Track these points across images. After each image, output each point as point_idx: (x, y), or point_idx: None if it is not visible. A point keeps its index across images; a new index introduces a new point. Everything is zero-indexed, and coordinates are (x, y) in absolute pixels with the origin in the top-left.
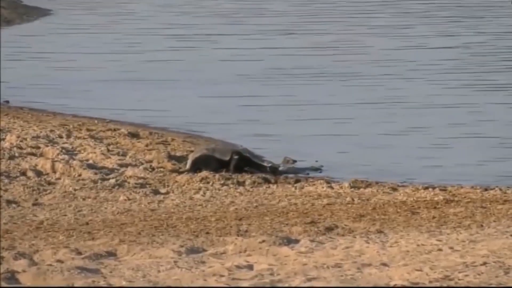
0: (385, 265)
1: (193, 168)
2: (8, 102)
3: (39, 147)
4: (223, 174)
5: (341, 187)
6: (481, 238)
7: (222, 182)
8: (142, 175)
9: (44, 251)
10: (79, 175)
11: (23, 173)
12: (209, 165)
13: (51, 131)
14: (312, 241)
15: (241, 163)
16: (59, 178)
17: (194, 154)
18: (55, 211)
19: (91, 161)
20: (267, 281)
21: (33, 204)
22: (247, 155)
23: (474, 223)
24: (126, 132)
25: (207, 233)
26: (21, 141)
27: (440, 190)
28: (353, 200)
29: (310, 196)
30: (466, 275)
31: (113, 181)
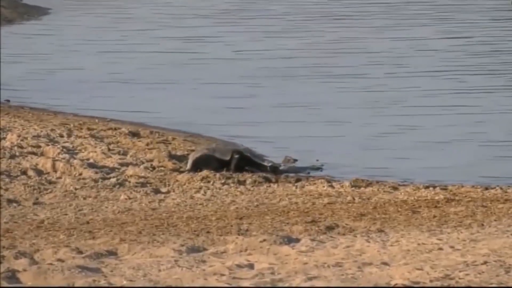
0: (385, 264)
1: (194, 168)
2: (8, 101)
3: (39, 146)
4: (223, 173)
5: (342, 186)
6: (481, 237)
7: (223, 181)
8: (143, 174)
9: (44, 250)
10: (80, 174)
11: (24, 172)
12: (209, 165)
13: (52, 130)
14: (313, 240)
15: (241, 163)
16: (60, 177)
17: (195, 154)
18: (55, 210)
19: (91, 160)
20: (267, 280)
21: (34, 203)
22: (247, 154)
23: (475, 222)
24: (127, 131)
25: (208, 232)
26: (22, 140)
27: (441, 189)
28: (354, 199)
29: (311, 195)
30: (467, 274)
31: (113, 180)
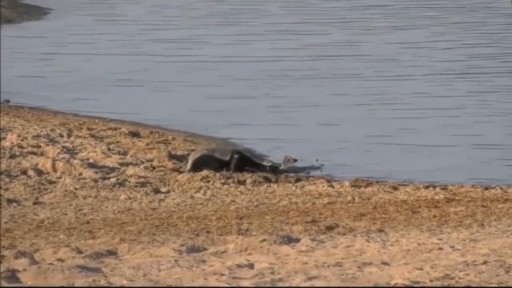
0: (385, 264)
1: (194, 169)
2: (8, 101)
3: (39, 146)
4: (223, 173)
5: (342, 186)
6: (482, 237)
7: (223, 181)
8: (143, 174)
9: (44, 250)
10: (80, 174)
11: (24, 172)
12: (209, 165)
13: (52, 130)
14: (313, 240)
15: (241, 163)
16: (60, 177)
17: (194, 155)
18: (55, 210)
19: (91, 160)
20: (267, 280)
21: (34, 203)
22: (247, 154)
23: (475, 222)
24: (127, 131)
25: (208, 232)
26: (22, 140)
27: (441, 189)
28: (354, 199)
29: (311, 195)
30: (467, 274)
31: (113, 180)
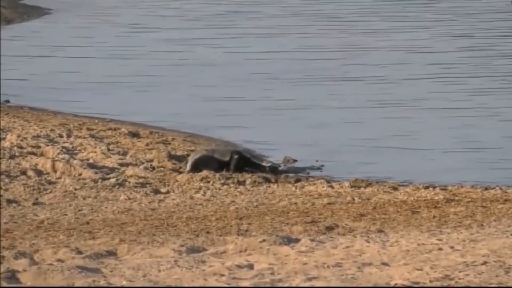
0: (385, 264)
1: (193, 170)
2: (8, 101)
3: (39, 147)
4: (223, 173)
5: (342, 187)
6: (481, 237)
7: (223, 181)
8: (143, 174)
9: (44, 250)
10: (80, 174)
11: (24, 172)
12: (209, 166)
13: (52, 130)
14: (313, 240)
15: (240, 163)
16: (60, 178)
17: (194, 156)
18: (55, 210)
19: (91, 161)
20: (267, 280)
21: (34, 204)
22: (246, 155)
23: (474, 222)
24: (127, 132)
25: (208, 232)
26: (22, 140)
27: (441, 189)
28: (354, 200)
29: (311, 195)
30: (467, 275)
31: (113, 180)
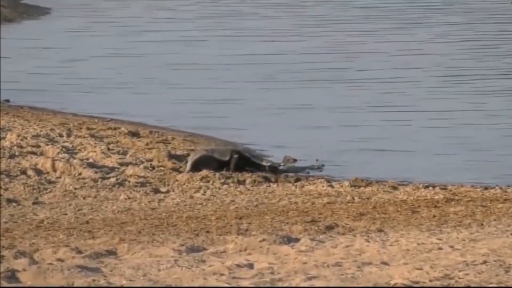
0: (385, 264)
1: (193, 170)
2: (8, 101)
3: (39, 146)
4: (223, 173)
5: (342, 186)
6: (481, 237)
7: (223, 181)
8: (143, 174)
9: (44, 250)
10: (80, 174)
11: (24, 172)
12: (209, 166)
13: (52, 130)
14: (313, 240)
15: (240, 163)
16: (60, 177)
17: (194, 156)
18: (55, 210)
19: (91, 160)
20: (267, 280)
21: (34, 203)
22: (246, 154)
23: (474, 222)
24: (126, 131)
25: (208, 232)
26: (22, 140)
27: (441, 189)
28: (354, 199)
29: (311, 195)
30: (467, 274)
31: (113, 180)
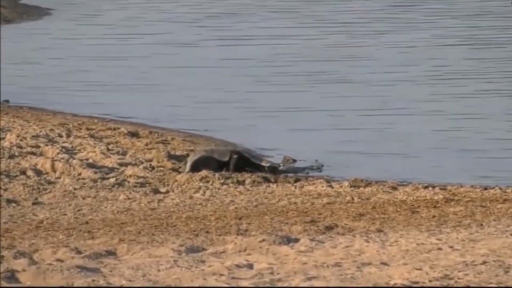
0: (385, 264)
1: (193, 171)
2: (8, 101)
3: (39, 146)
4: (223, 173)
5: (341, 186)
6: (481, 237)
7: (222, 181)
8: (142, 174)
9: (44, 250)
10: (79, 174)
11: (23, 172)
12: (208, 167)
13: (51, 130)
14: (312, 240)
15: (240, 163)
16: (59, 177)
17: (193, 157)
18: (55, 210)
19: (91, 160)
20: (267, 280)
21: (33, 203)
22: (246, 155)
23: (474, 222)
24: (126, 131)
25: (207, 232)
26: (21, 140)
27: (440, 189)
28: (353, 199)
29: (310, 195)
30: (466, 274)
31: (113, 180)
